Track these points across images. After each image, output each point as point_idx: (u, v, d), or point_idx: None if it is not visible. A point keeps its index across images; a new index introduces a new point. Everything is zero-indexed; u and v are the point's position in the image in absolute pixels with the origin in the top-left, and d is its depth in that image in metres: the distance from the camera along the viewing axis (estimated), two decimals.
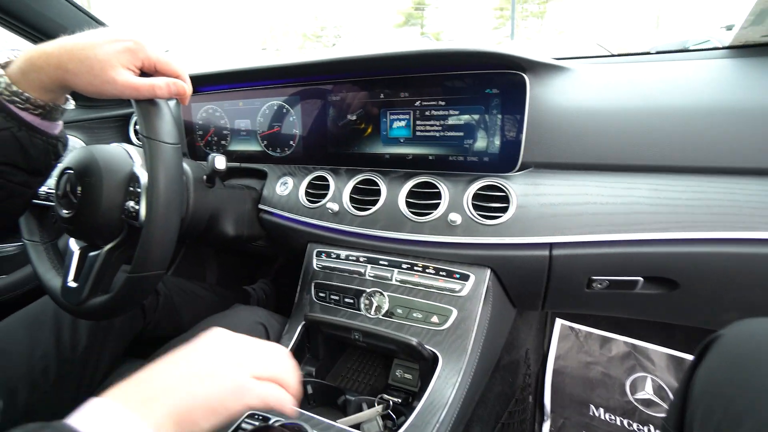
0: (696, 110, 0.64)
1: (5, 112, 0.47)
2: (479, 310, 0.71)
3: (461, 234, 0.72)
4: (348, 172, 0.87)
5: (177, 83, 0.54)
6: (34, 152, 0.51)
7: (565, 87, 0.72)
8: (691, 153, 0.64)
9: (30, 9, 0.88)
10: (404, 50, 0.73)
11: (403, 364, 0.85)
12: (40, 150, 0.51)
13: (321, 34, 37.90)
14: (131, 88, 0.50)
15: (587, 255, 0.67)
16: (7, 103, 0.47)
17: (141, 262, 0.55)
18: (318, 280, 0.84)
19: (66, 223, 0.64)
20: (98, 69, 0.47)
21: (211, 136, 1.06)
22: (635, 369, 1.16)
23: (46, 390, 0.67)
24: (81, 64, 0.47)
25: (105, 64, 0.47)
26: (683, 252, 0.63)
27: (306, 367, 0.81)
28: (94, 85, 0.48)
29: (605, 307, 0.85)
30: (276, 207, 0.91)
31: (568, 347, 1.24)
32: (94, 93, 0.49)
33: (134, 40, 0.50)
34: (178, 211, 0.57)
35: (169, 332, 0.93)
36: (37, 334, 0.70)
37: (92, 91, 0.49)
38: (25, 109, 0.49)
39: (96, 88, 0.48)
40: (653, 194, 0.65)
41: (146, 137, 0.53)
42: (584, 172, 0.69)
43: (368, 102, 0.83)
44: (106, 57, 0.47)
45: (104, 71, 0.47)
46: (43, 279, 0.70)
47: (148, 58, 0.51)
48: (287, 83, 0.92)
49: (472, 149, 0.76)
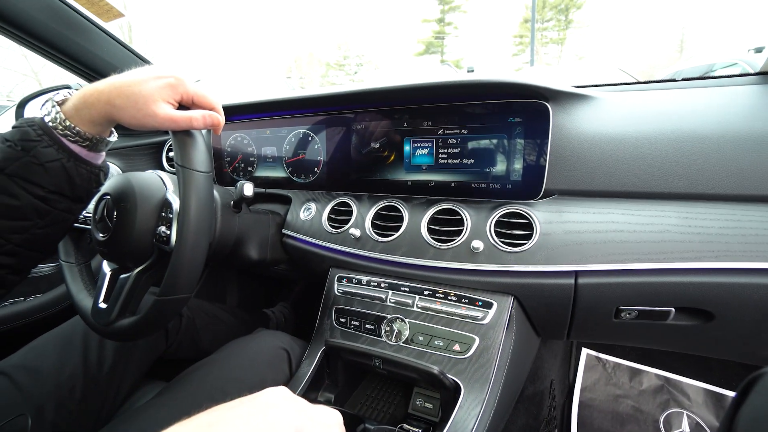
0: (727, 138, 0.63)
1: (58, 145, 0.51)
2: (502, 338, 0.70)
3: (484, 261, 0.71)
4: (371, 199, 0.88)
5: (212, 115, 0.58)
6: (79, 181, 0.54)
7: (589, 115, 0.72)
8: (724, 181, 0.62)
9: (85, 50, 0.97)
10: (429, 82, 0.75)
11: (423, 393, 0.83)
12: (84, 179, 0.55)
13: (344, 62, 39.20)
14: (170, 120, 0.54)
15: (615, 284, 0.65)
16: (60, 136, 0.52)
17: (169, 285, 0.57)
18: (339, 306, 0.85)
19: (101, 246, 0.67)
20: (142, 103, 0.51)
21: (238, 162, 1.10)
22: (669, 404, 1.09)
23: (71, 409, 0.69)
24: (127, 100, 0.51)
25: (148, 99, 0.51)
26: (718, 282, 0.61)
27: (325, 393, 0.80)
28: (137, 118, 0.52)
29: (635, 338, 0.82)
30: (299, 232, 0.93)
31: (595, 378, 1.19)
32: (137, 125, 0.53)
33: (175, 77, 0.54)
34: (207, 237, 0.59)
35: (189, 354, 0.94)
36: (66, 354, 0.73)
37: (135, 123, 0.53)
38: (75, 142, 0.53)
39: (139, 121, 0.52)
40: (683, 222, 0.63)
41: (181, 166, 0.55)
42: (610, 200, 0.68)
43: (391, 130, 0.85)
44: (149, 92, 0.52)
45: (147, 105, 0.51)
46: (75, 299, 0.72)
47: (186, 93, 0.56)
48: (313, 113, 0.95)
49: (495, 176, 0.76)
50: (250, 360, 0.76)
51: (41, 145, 0.50)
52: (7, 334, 1.05)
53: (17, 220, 0.50)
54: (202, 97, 0.58)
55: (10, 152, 0.49)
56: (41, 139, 0.50)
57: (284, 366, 0.79)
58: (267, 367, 0.76)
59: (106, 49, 1.01)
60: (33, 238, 0.53)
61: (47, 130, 0.51)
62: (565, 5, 31.42)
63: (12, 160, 0.49)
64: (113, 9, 0.93)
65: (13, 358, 0.72)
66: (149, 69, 0.54)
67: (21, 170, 0.49)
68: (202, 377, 0.71)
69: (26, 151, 0.49)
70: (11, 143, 0.50)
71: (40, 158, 0.50)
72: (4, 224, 0.50)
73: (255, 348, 0.79)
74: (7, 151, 0.49)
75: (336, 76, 39.41)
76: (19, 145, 0.49)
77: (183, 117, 0.55)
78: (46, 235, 0.54)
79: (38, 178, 0.50)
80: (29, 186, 0.50)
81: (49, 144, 0.51)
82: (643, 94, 0.75)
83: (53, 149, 0.51)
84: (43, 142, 0.50)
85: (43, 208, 0.52)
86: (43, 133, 0.51)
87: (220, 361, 0.75)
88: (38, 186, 0.51)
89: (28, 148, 0.50)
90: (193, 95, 0.57)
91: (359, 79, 36.29)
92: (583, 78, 4.96)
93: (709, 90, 0.72)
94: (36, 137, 0.50)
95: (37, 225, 0.52)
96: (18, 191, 0.49)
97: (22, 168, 0.49)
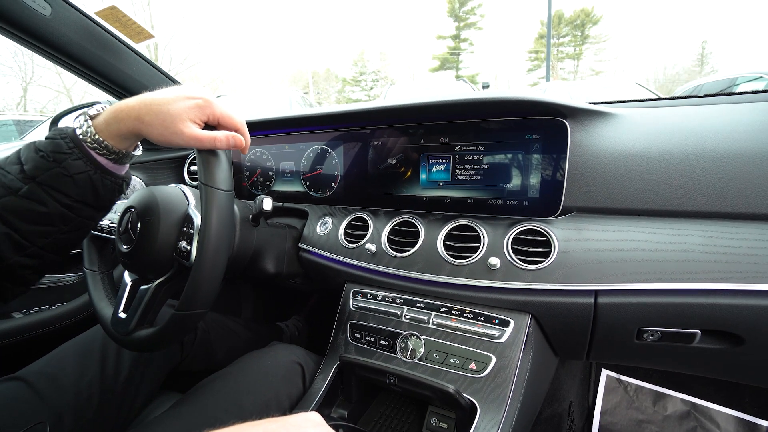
0: (753, 155, 0.61)
1: (87, 158, 0.54)
2: (519, 357, 0.68)
3: (501, 278, 0.70)
4: (387, 214, 0.89)
5: (236, 137, 0.60)
6: (103, 191, 0.57)
7: (608, 132, 0.72)
8: (751, 199, 0.60)
9: (117, 69, 1.03)
10: (446, 99, 0.76)
11: (438, 412, 0.82)
12: (108, 189, 0.58)
13: (360, 78, 39.86)
14: (195, 139, 0.56)
15: (636, 304, 0.64)
16: (89, 149, 0.54)
17: (187, 300, 0.58)
18: (354, 321, 0.84)
19: (124, 257, 0.69)
20: (169, 122, 0.54)
21: (257, 176, 1.12)
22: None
23: (88, 418, 0.70)
24: (156, 117, 0.54)
25: (176, 118, 0.54)
26: (747, 304, 0.58)
27: (338, 410, 0.80)
28: (164, 135, 0.55)
29: (658, 361, 0.79)
30: (315, 246, 0.94)
31: (616, 402, 1.14)
32: (163, 142, 0.55)
33: (203, 98, 0.57)
34: (226, 254, 0.60)
35: (204, 366, 0.95)
36: (85, 363, 0.74)
37: (162, 140, 0.55)
38: (102, 155, 0.56)
39: (165, 138, 0.55)
40: (708, 241, 0.61)
41: (204, 184, 0.57)
42: (630, 218, 0.67)
43: (408, 146, 0.86)
44: (178, 112, 0.54)
45: (174, 124, 0.54)
46: (97, 307, 0.74)
47: (213, 114, 0.58)
48: (331, 129, 0.97)
49: (512, 193, 0.76)
50: (264, 373, 0.76)
51: (71, 158, 0.53)
52: (31, 341, 1.08)
53: (44, 226, 0.53)
54: (228, 118, 0.60)
55: (43, 162, 0.52)
56: (72, 152, 0.53)
57: (298, 380, 0.79)
58: (281, 381, 0.76)
59: (136, 69, 1.06)
60: (56, 242, 0.55)
61: (78, 143, 0.54)
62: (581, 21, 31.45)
63: (43, 170, 0.52)
64: (144, 31, 0.98)
65: (35, 365, 0.73)
66: (179, 89, 0.56)
67: (51, 180, 0.52)
68: (217, 390, 0.71)
69: (57, 163, 0.52)
70: (44, 154, 0.52)
71: (70, 170, 0.53)
72: (32, 229, 0.52)
73: (269, 361, 0.79)
74: (40, 162, 0.52)
75: (352, 91, 40.09)
76: (51, 156, 0.52)
77: (207, 137, 0.56)
78: (68, 240, 0.57)
79: (66, 188, 0.53)
80: (57, 195, 0.52)
81: (78, 157, 0.53)
82: (664, 111, 0.74)
83: (82, 162, 0.54)
84: (73, 154, 0.53)
85: (68, 215, 0.54)
86: (74, 146, 0.53)
87: (235, 374, 0.75)
88: (66, 195, 0.53)
89: (59, 160, 0.52)
90: (219, 116, 0.59)
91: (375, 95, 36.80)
92: (599, 93, 4.92)
93: (733, 106, 0.70)
94: (67, 150, 0.53)
95: (61, 230, 0.54)
96: (47, 199, 0.52)
97: (52, 178, 0.52)
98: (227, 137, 0.58)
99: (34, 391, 0.68)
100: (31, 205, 0.51)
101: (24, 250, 0.52)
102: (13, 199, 0.50)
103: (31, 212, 0.51)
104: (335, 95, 41.24)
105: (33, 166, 0.52)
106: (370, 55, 41.53)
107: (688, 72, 29.77)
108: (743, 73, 4.51)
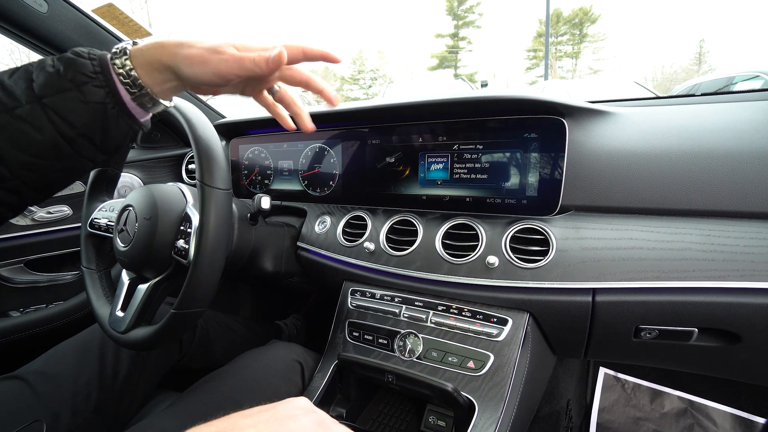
0: (750, 154, 0.61)
1: (110, 87, 0.47)
2: (517, 356, 0.69)
3: (499, 277, 0.71)
4: (385, 213, 0.89)
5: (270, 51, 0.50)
6: (114, 132, 0.49)
7: (606, 131, 0.72)
8: (748, 198, 0.61)
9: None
10: (444, 98, 0.76)
11: (436, 411, 0.82)
12: (120, 131, 0.50)
13: (358, 77, 39.79)
14: (235, 59, 0.48)
15: (634, 302, 0.64)
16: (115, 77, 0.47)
17: (186, 299, 0.57)
18: (352, 319, 0.85)
19: (121, 256, 0.69)
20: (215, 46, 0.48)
21: (255, 175, 1.12)
22: (693, 429, 1.05)
23: (86, 417, 0.70)
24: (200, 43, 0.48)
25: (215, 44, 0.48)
26: (744, 303, 0.59)
27: (337, 408, 0.80)
28: (203, 58, 0.47)
29: (656, 359, 0.79)
30: (314, 245, 0.94)
31: (614, 399, 1.15)
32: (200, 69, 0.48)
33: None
34: (224, 253, 0.60)
35: (203, 365, 0.95)
36: (83, 362, 0.74)
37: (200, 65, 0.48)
38: (126, 87, 0.48)
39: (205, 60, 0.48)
40: (705, 240, 0.61)
41: (202, 183, 0.57)
42: (628, 216, 0.67)
43: (406, 145, 0.86)
44: (217, 40, 0.48)
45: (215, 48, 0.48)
46: (94, 306, 0.74)
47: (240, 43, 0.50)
48: (329, 127, 0.97)
49: (510, 192, 0.76)
50: (263, 371, 0.76)
51: (93, 83, 0.45)
52: (29, 340, 1.08)
53: (33, 157, 0.45)
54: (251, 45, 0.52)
55: (57, 81, 0.44)
56: (96, 76, 0.46)
57: (297, 378, 0.79)
58: (280, 379, 0.76)
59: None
60: (42, 179, 0.48)
61: (105, 68, 0.46)
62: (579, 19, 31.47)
63: (55, 90, 0.44)
64: (141, 29, 0.98)
65: (33, 364, 0.73)
66: None
67: (60, 103, 0.44)
68: (215, 388, 0.71)
69: (75, 84, 0.45)
70: (60, 71, 0.44)
71: (88, 96, 0.45)
72: (19, 157, 0.44)
73: (269, 360, 0.79)
74: (53, 79, 0.44)
75: (350, 89, 40.03)
76: (69, 74, 0.44)
77: (247, 57, 0.49)
78: (56, 179, 0.50)
79: (75, 117, 0.45)
80: (60, 123, 0.44)
81: (101, 84, 0.46)
82: (662, 109, 0.75)
83: (103, 91, 0.46)
84: (97, 80, 0.46)
85: (65, 149, 0.46)
86: (101, 71, 0.46)
87: (234, 372, 0.75)
88: (71, 125, 0.45)
89: (79, 82, 0.45)
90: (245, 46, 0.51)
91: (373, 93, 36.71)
92: (598, 92, 4.93)
93: (730, 105, 0.71)
94: (91, 73, 0.45)
95: (52, 167, 0.47)
96: (45, 125, 0.44)
97: (64, 101, 0.44)
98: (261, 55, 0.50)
99: (31, 390, 0.68)
100: (25, 127, 0.43)
101: (4, 182, 0.45)
102: (6, 117, 0.42)
103: (23, 136, 0.43)
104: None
105: (44, 83, 0.44)
106: (369, 53, 41.50)
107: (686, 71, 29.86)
108: (740, 72, 4.52)
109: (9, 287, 1.11)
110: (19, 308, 1.13)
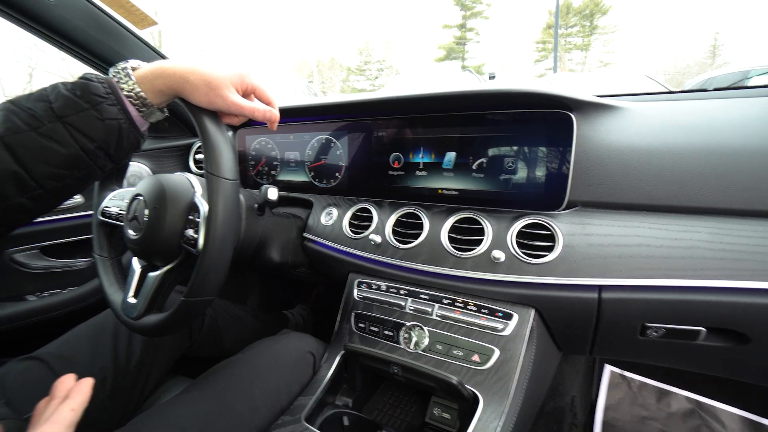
0: (762, 151, 0.60)
1: (121, 105, 0.54)
2: (523, 351, 0.69)
3: (504, 271, 0.70)
4: (391, 205, 0.89)
5: (271, 111, 0.64)
6: (125, 144, 0.57)
7: (615, 126, 0.71)
8: (758, 196, 0.60)
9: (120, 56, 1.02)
10: (451, 91, 0.75)
11: (441, 403, 0.83)
12: (130, 142, 0.58)
13: (365, 67, 39.54)
14: (236, 105, 0.59)
15: (640, 300, 0.64)
16: (125, 97, 0.55)
17: (195, 288, 0.58)
18: (358, 311, 0.85)
19: (132, 244, 0.70)
20: (215, 85, 0.56)
21: (262, 166, 1.12)
22: (701, 431, 1.04)
23: (102, 399, 0.71)
24: (201, 79, 0.55)
25: (221, 82, 0.56)
26: (754, 303, 0.58)
27: (343, 398, 0.81)
28: (207, 96, 0.56)
29: (662, 358, 0.79)
30: (320, 236, 0.94)
31: (620, 397, 1.15)
32: (203, 103, 0.57)
33: (245, 68, 0.60)
34: (233, 242, 0.61)
35: (211, 353, 0.96)
36: (98, 346, 0.75)
37: (203, 101, 0.56)
38: (135, 106, 0.56)
39: (208, 99, 0.56)
40: (714, 238, 0.61)
41: (210, 173, 0.57)
42: (636, 213, 0.67)
43: (413, 138, 0.85)
44: (223, 76, 0.56)
45: (220, 87, 0.56)
46: (107, 292, 0.75)
47: (251, 84, 0.62)
48: (336, 119, 0.97)
49: (517, 186, 0.75)
50: (275, 361, 0.77)
51: (107, 102, 0.53)
52: (45, 323, 1.10)
53: (57, 168, 0.51)
54: (263, 91, 0.65)
55: (74, 102, 0.51)
56: (108, 96, 0.53)
57: (309, 369, 0.80)
58: (292, 370, 0.77)
59: (139, 55, 1.05)
60: (63, 188, 0.54)
61: (115, 90, 0.54)
62: (590, 11, 30.90)
63: (75, 110, 0.51)
64: (148, 17, 0.97)
65: (50, 346, 0.74)
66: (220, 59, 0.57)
67: (80, 121, 0.51)
68: (228, 376, 0.72)
69: (92, 105, 0.51)
70: (78, 94, 0.51)
71: (103, 114, 0.52)
72: (44, 169, 0.50)
73: (281, 349, 0.80)
74: (71, 101, 0.51)
75: (357, 80, 39.82)
76: (85, 97, 0.51)
77: (248, 106, 0.60)
78: (74, 186, 0.56)
79: (94, 132, 0.52)
80: (81, 138, 0.52)
81: (114, 103, 0.53)
82: (672, 105, 0.73)
83: (116, 108, 0.54)
84: (109, 99, 0.53)
85: (84, 160, 0.53)
86: (111, 92, 0.53)
87: (246, 360, 0.76)
88: (90, 139, 0.52)
89: (94, 102, 0.52)
90: (255, 88, 0.63)
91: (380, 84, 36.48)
92: (608, 85, 4.86)
93: (743, 101, 0.69)
94: (104, 94, 0.52)
95: (72, 176, 0.54)
96: (69, 140, 0.51)
97: (83, 120, 0.51)
98: (264, 110, 0.63)
99: (51, 371, 0.69)
100: (49, 143, 0.50)
101: (30, 191, 0.51)
102: (32, 135, 0.49)
103: (47, 151, 0.50)
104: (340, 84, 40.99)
105: (63, 105, 0.50)
106: (375, 43, 41.13)
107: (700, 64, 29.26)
108: (756, 66, 4.43)
109: (25, 272, 1.13)
110: (36, 293, 1.16)
